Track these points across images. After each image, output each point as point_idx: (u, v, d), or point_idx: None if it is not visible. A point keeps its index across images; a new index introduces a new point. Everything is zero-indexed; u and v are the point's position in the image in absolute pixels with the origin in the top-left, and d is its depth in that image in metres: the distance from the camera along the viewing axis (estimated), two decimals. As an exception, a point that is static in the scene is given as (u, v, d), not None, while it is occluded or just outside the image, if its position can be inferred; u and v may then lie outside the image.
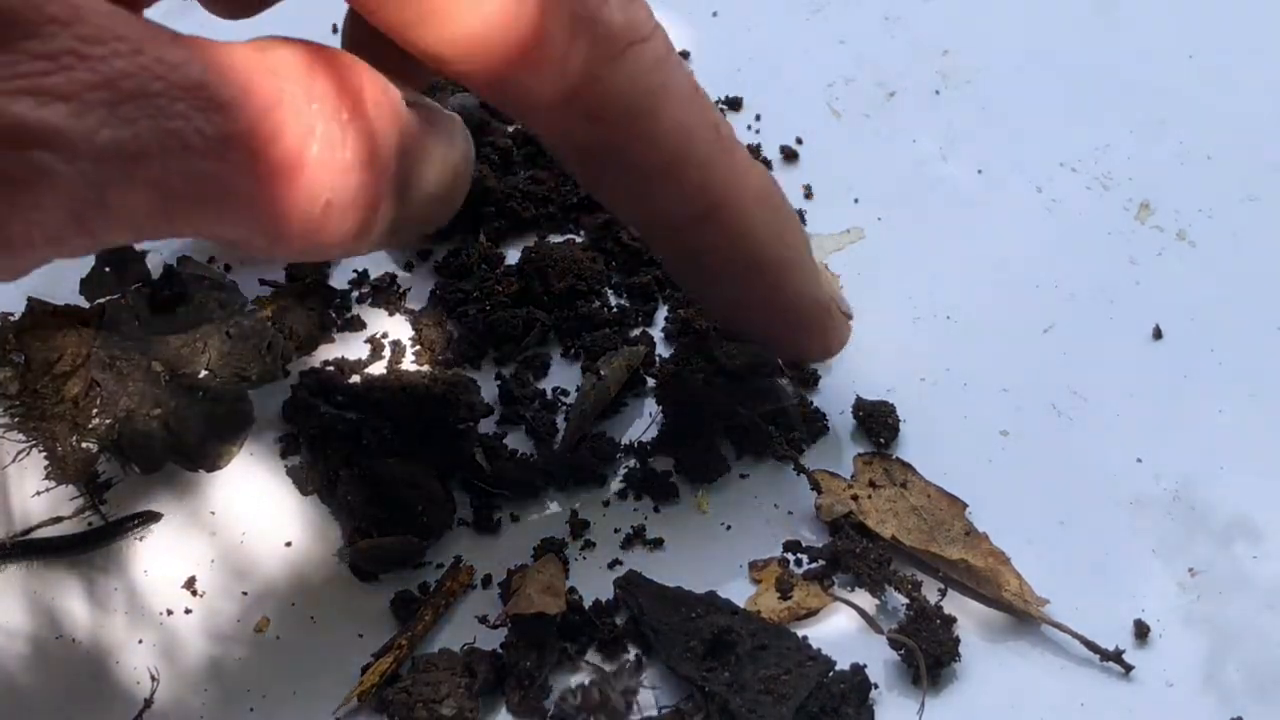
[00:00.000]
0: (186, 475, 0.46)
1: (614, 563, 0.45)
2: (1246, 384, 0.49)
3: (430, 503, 0.45)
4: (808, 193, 0.55)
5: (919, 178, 0.56)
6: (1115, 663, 0.42)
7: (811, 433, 0.48)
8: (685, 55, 0.59)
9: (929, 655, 0.42)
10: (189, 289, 0.47)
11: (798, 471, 0.46)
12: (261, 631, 0.44)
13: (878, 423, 0.48)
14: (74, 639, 0.44)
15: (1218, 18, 0.61)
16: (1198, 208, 0.54)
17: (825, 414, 0.48)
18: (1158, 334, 0.51)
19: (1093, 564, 0.45)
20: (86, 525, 0.45)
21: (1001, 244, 0.53)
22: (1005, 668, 0.43)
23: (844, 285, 0.50)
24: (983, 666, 0.43)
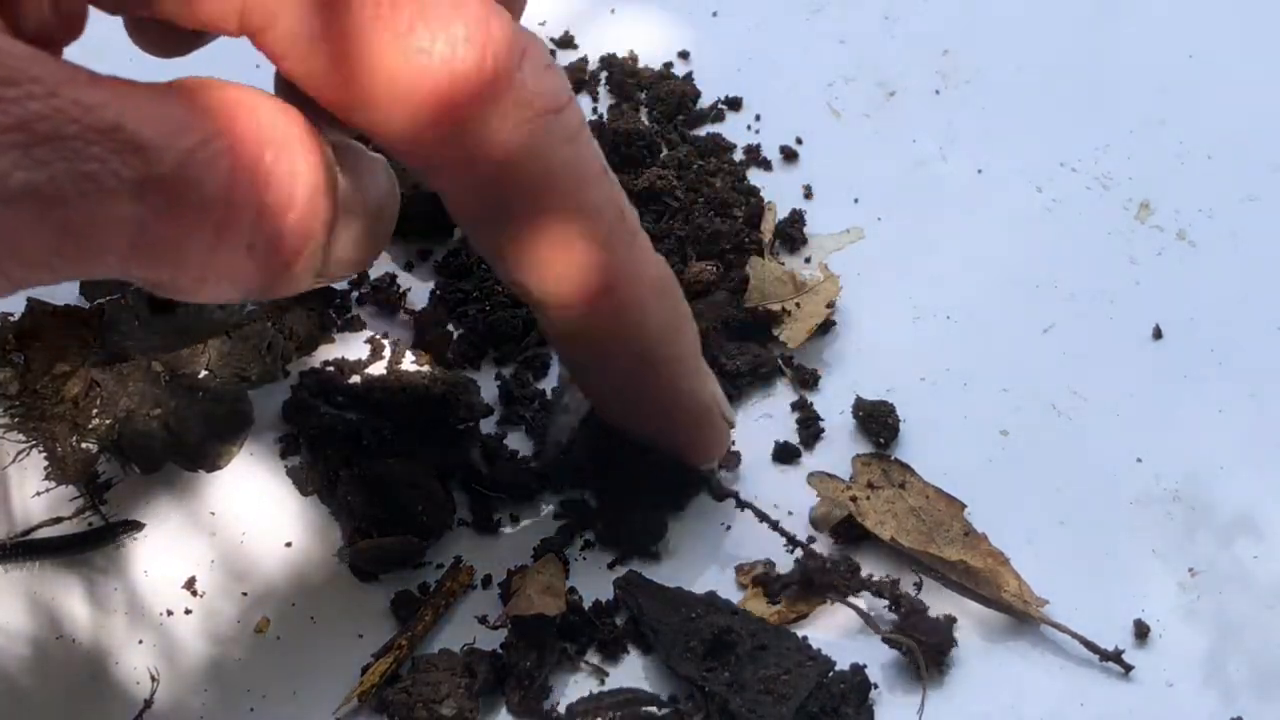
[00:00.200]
0: (186, 475, 0.46)
1: (614, 563, 0.45)
2: (1246, 384, 0.49)
3: (430, 503, 0.45)
4: (808, 193, 0.55)
5: (919, 178, 0.56)
6: (1115, 663, 0.42)
7: (809, 435, 0.48)
8: (685, 55, 0.58)
9: (929, 647, 0.42)
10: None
11: (740, 507, 0.45)
12: (261, 632, 0.44)
13: (877, 423, 0.48)
14: (74, 639, 0.44)
15: (1218, 18, 0.61)
16: (1198, 208, 0.54)
17: (823, 416, 0.48)
18: (1158, 334, 0.51)
19: (1093, 564, 0.45)
20: (87, 525, 0.45)
21: (1001, 244, 0.53)
22: (1005, 668, 0.43)
23: (844, 285, 0.50)
24: (983, 666, 0.43)
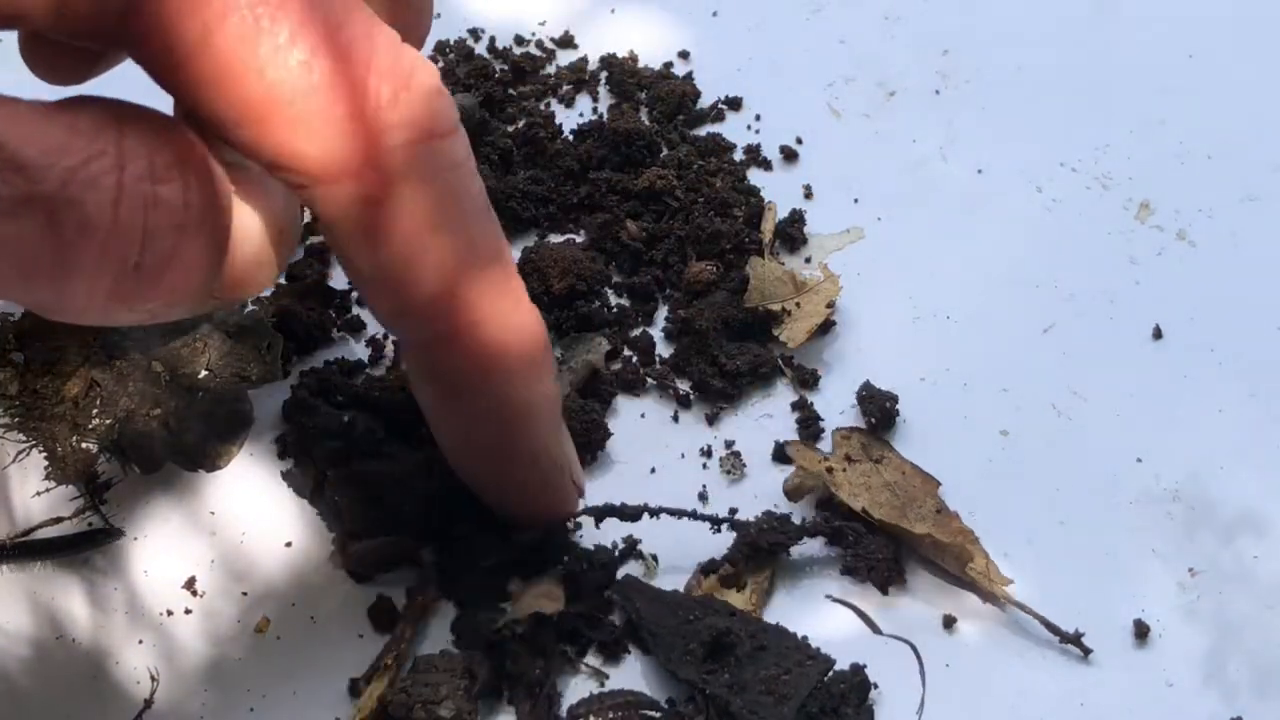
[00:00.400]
0: (186, 475, 0.46)
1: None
2: (1246, 384, 0.49)
3: (417, 504, 0.44)
4: (808, 193, 0.55)
5: (919, 178, 0.56)
6: (1075, 645, 0.43)
7: (809, 435, 0.48)
8: (685, 55, 0.58)
9: (885, 563, 0.44)
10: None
11: (653, 515, 0.44)
12: (261, 631, 0.44)
13: (875, 405, 0.48)
14: (74, 639, 0.44)
15: (1218, 18, 0.61)
16: (1198, 208, 0.54)
17: (823, 416, 0.48)
18: (1158, 334, 0.51)
19: (1093, 564, 0.45)
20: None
21: (1001, 244, 0.53)
22: (1005, 667, 0.43)
23: (844, 285, 0.50)
24: (982, 666, 0.43)
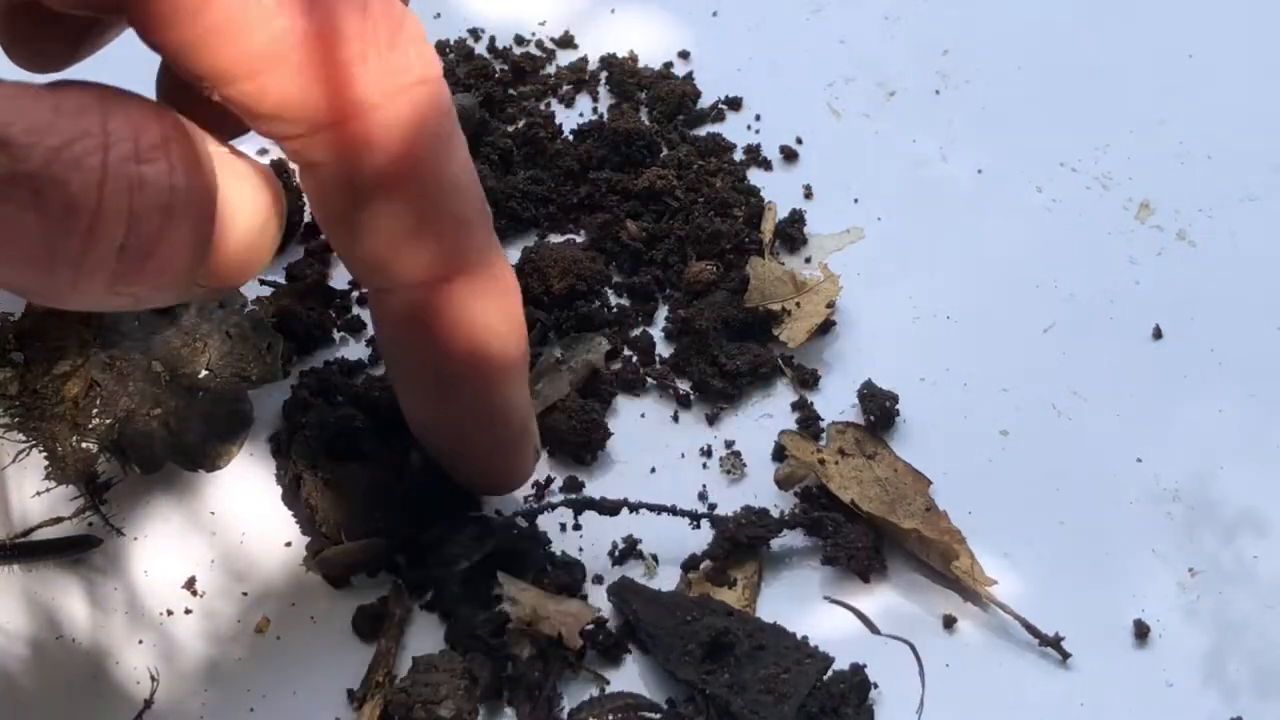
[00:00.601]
0: (186, 475, 0.46)
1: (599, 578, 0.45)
2: (1246, 384, 0.49)
3: (390, 508, 0.44)
4: (808, 193, 0.55)
5: (919, 178, 0.56)
6: (1053, 649, 0.43)
7: (810, 435, 0.48)
8: (685, 55, 0.58)
9: (865, 551, 0.44)
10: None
11: (633, 511, 0.45)
12: (261, 632, 0.44)
13: (875, 404, 0.48)
14: (74, 639, 0.44)
15: (1218, 18, 0.61)
16: (1198, 208, 0.54)
17: (823, 416, 0.48)
18: (1158, 334, 0.51)
19: (1093, 564, 0.45)
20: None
21: (1001, 244, 0.53)
22: (1004, 668, 0.43)
23: (844, 285, 0.50)
24: (982, 667, 0.43)
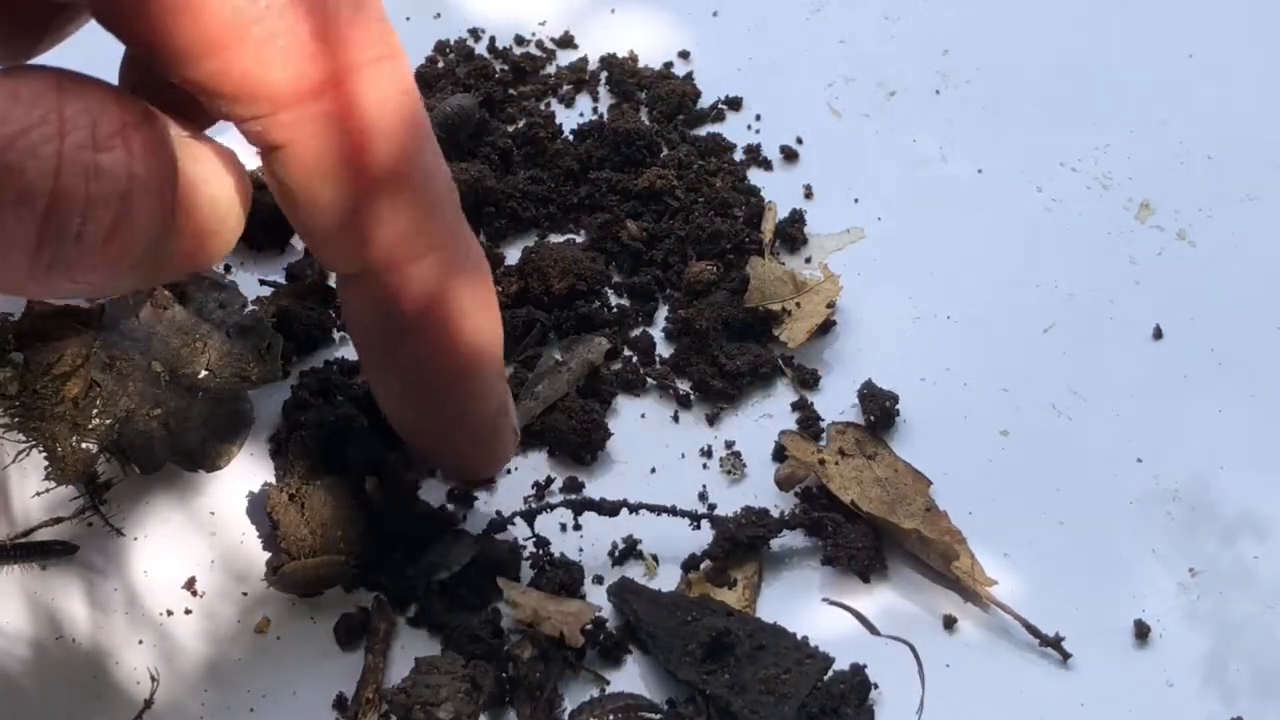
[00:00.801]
0: (186, 475, 0.46)
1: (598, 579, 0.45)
2: (1246, 384, 0.49)
3: (355, 526, 0.44)
4: (808, 193, 0.55)
5: (919, 178, 0.56)
6: (1054, 649, 0.43)
7: (810, 435, 0.48)
8: (685, 55, 0.58)
9: (865, 552, 0.44)
10: (188, 289, 0.47)
11: (633, 511, 0.45)
12: (262, 632, 0.44)
13: (875, 404, 0.48)
14: (74, 639, 0.43)
15: (1218, 18, 0.61)
16: (1198, 208, 0.54)
17: (823, 416, 0.48)
18: (1158, 334, 0.51)
19: (1093, 564, 0.45)
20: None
21: (1001, 244, 0.53)
22: (1005, 667, 0.43)
23: (844, 285, 0.50)
24: (982, 667, 0.43)
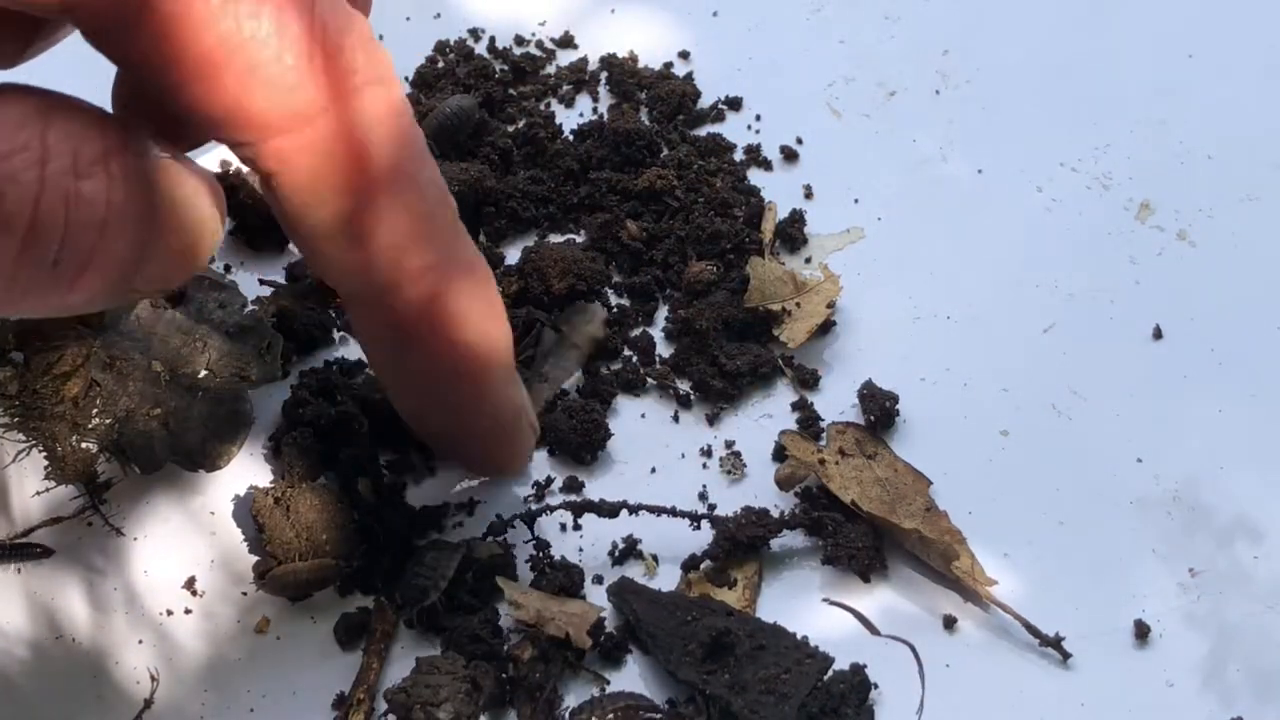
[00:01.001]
0: (186, 475, 0.46)
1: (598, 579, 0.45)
2: (1246, 384, 0.49)
3: (344, 531, 0.44)
4: (808, 193, 0.55)
5: (919, 178, 0.56)
6: (1054, 649, 0.43)
7: (810, 435, 0.48)
8: (685, 55, 0.58)
9: (866, 551, 0.44)
10: (188, 289, 0.47)
11: (633, 512, 0.45)
12: (262, 632, 0.44)
13: (875, 404, 0.48)
14: (74, 639, 0.44)
15: (1218, 18, 0.61)
16: (1198, 208, 0.54)
17: (823, 416, 0.48)
18: (1158, 334, 0.51)
19: (1093, 564, 0.45)
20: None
21: (1001, 244, 0.53)
22: (1005, 668, 0.43)
23: (844, 285, 0.50)
24: (982, 667, 0.43)
